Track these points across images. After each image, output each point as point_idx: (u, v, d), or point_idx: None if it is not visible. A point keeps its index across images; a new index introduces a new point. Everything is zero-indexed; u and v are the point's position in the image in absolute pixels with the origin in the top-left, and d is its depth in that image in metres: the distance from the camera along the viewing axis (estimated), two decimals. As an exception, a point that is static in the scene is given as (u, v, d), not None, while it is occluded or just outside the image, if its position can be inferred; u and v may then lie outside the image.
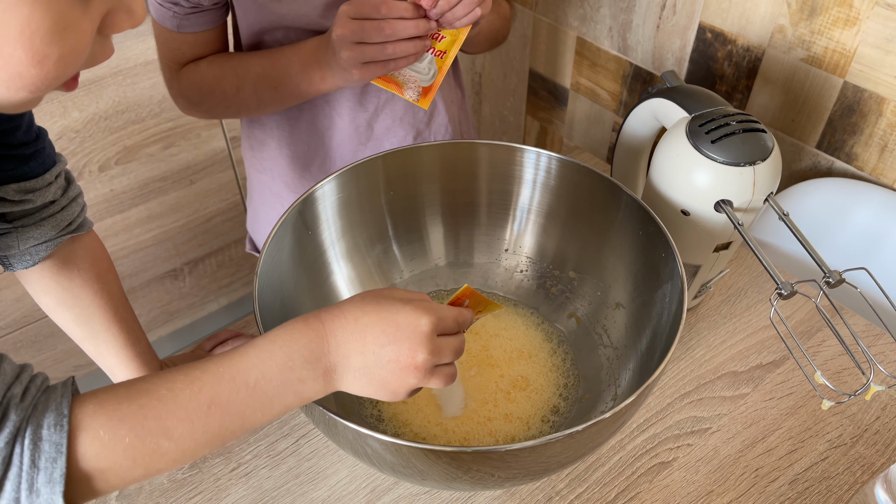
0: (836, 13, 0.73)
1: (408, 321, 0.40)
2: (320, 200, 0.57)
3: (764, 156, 0.57)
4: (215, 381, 0.38)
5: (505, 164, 0.62)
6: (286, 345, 0.39)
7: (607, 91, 1.05)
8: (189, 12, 0.63)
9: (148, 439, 0.36)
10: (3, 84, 0.34)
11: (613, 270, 0.61)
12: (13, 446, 0.34)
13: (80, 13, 0.34)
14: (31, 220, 0.52)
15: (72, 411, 0.35)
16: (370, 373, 0.40)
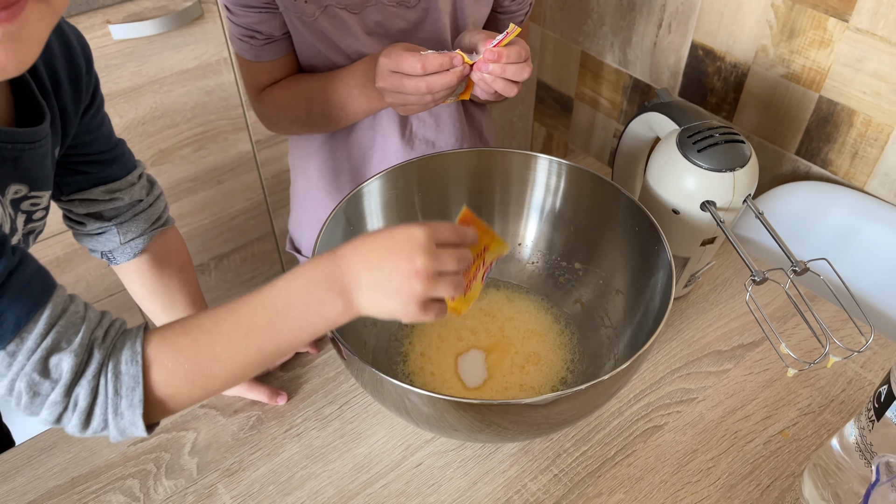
0: (812, 35, 0.83)
1: (403, 234, 0.44)
2: (366, 197, 0.66)
3: (742, 163, 0.66)
4: (250, 310, 0.45)
5: (521, 169, 0.71)
6: (305, 273, 0.45)
7: (609, 101, 1.15)
8: (263, 43, 0.73)
9: (202, 365, 0.44)
10: None
11: (613, 261, 0.70)
12: (98, 379, 0.42)
13: None
14: (124, 217, 0.61)
15: (143, 348, 0.43)
16: (380, 286, 0.44)
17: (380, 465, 0.64)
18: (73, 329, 0.41)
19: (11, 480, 0.63)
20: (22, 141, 0.46)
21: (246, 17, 0.72)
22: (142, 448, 0.65)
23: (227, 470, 0.63)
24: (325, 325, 0.45)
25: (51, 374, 0.40)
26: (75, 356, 0.41)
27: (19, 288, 0.39)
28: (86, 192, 0.59)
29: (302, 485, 0.62)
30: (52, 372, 0.40)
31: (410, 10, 0.72)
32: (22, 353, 0.39)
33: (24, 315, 0.39)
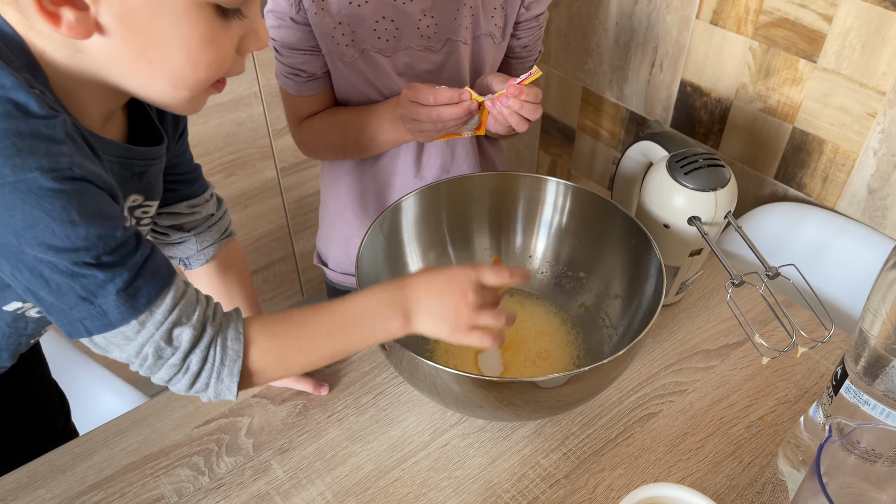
0: (785, 74, 0.94)
1: (459, 272, 0.58)
2: (400, 213, 0.77)
3: (723, 184, 0.77)
4: (331, 316, 0.56)
5: (532, 191, 0.82)
6: (377, 295, 0.57)
7: (608, 131, 1.26)
8: (306, 80, 0.84)
9: (289, 352, 0.55)
10: (170, 84, 0.49)
11: (613, 270, 0.81)
12: (208, 350, 0.52)
13: (223, 32, 0.49)
14: (200, 228, 0.72)
15: (244, 330, 0.54)
16: (436, 312, 0.57)
17: (411, 444, 0.73)
18: (191, 308, 0.51)
19: (89, 458, 0.73)
20: (148, 158, 0.57)
21: (292, 58, 0.83)
22: (204, 430, 0.74)
23: (279, 448, 0.73)
24: (386, 336, 0.58)
25: (173, 342, 0.50)
26: (193, 329, 0.51)
27: (152, 271, 0.49)
28: (173, 206, 0.70)
29: (344, 461, 0.72)
30: (174, 340, 0.50)
31: (435, 54, 0.84)
32: (151, 323, 0.49)
33: (154, 293, 0.49)
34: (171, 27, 0.46)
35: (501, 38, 0.87)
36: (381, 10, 0.80)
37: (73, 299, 0.47)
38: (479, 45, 0.86)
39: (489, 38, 0.86)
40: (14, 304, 0.59)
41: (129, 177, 0.55)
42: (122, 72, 0.48)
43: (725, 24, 0.98)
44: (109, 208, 0.48)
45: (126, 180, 0.56)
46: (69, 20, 0.44)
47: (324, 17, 0.80)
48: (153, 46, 0.47)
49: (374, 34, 0.81)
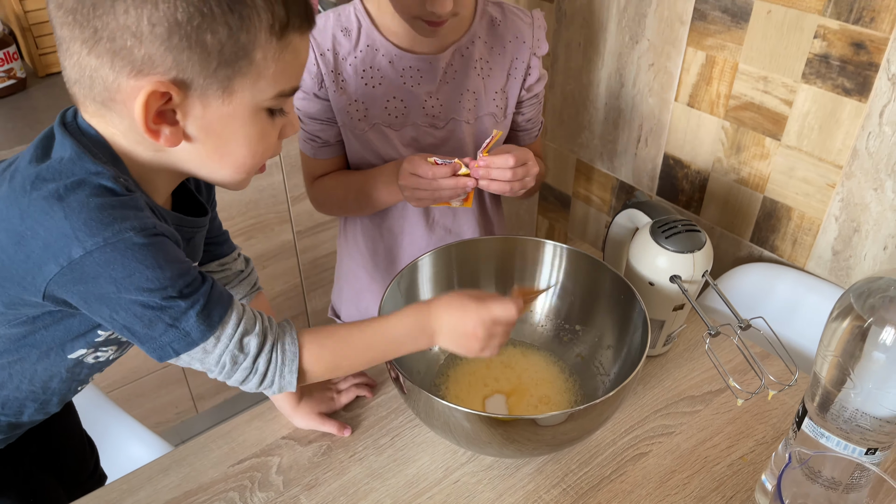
0: (754, 150, 1.06)
1: (473, 310, 0.69)
2: (416, 271, 0.87)
3: (700, 246, 0.87)
4: (372, 334, 0.68)
5: (532, 252, 0.93)
6: (409, 317, 0.69)
7: (600, 198, 1.38)
8: (322, 146, 0.97)
9: (336, 358, 0.67)
10: (235, 171, 0.61)
11: (605, 323, 0.90)
12: (272, 354, 0.63)
13: (271, 126, 0.61)
14: (232, 284, 0.82)
15: (298, 337, 0.65)
16: (453, 336, 0.69)
17: (426, 481, 0.81)
18: (252, 321, 0.62)
19: (136, 494, 0.80)
20: (197, 227, 0.68)
21: (312, 126, 0.96)
22: (239, 469, 0.82)
23: (307, 485, 0.81)
24: (414, 349, 0.70)
25: (244, 349, 0.61)
26: (258, 337, 0.62)
27: (218, 297, 0.60)
28: (206, 265, 0.81)
29: (366, 496, 0.79)
30: (244, 348, 0.61)
31: (440, 131, 0.96)
32: (225, 336, 0.60)
33: (223, 312, 0.60)
34: (237, 130, 0.59)
35: (504, 116, 1.00)
36: (392, 91, 0.93)
37: (163, 328, 0.57)
38: (481, 124, 0.98)
39: (491, 118, 0.98)
40: (79, 352, 0.68)
41: (184, 242, 0.66)
42: (197, 164, 0.61)
43: (700, 107, 1.11)
44: (180, 254, 0.59)
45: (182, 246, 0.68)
46: (166, 135, 0.56)
47: (342, 95, 0.93)
48: (225, 145, 0.59)
49: (384, 111, 0.94)
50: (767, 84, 1.00)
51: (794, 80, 0.97)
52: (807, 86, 0.96)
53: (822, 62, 0.93)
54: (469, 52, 0.94)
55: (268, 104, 0.59)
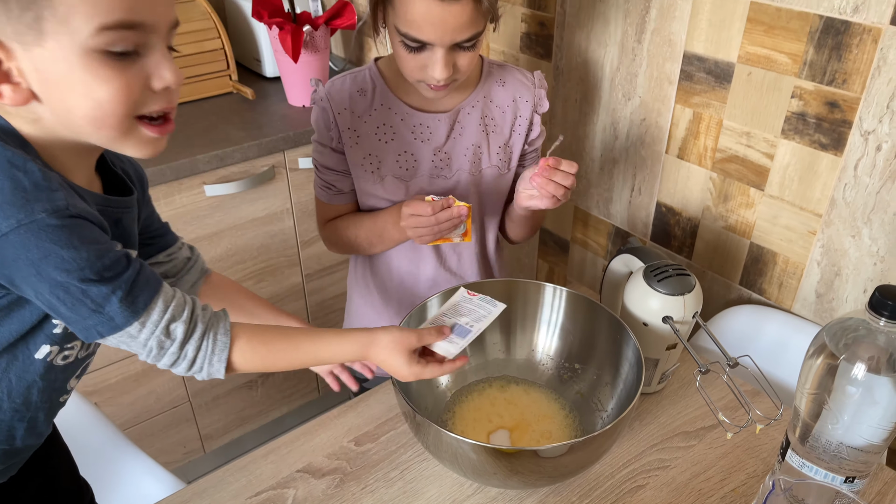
0: (740, 199, 1.14)
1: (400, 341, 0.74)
2: (428, 310, 0.93)
3: (690, 289, 0.93)
4: (306, 353, 0.73)
5: (534, 294, 0.99)
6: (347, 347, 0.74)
7: (597, 243, 1.45)
8: (336, 194, 1.05)
9: (264, 363, 0.71)
10: (93, 126, 0.58)
11: (602, 361, 0.96)
12: (201, 341, 0.66)
13: (119, 72, 0.56)
14: (183, 272, 0.87)
15: (231, 328, 0.68)
16: (387, 367, 0.75)
17: (434, 512, 0.85)
18: (181, 308, 0.65)
19: (158, 525, 0.85)
20: (122, 206, 0.70)
21: (328, 176, 1.04)
22: (256, 500, 0.87)
23: (322, 515, 0.85)
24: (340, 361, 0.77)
25: (171, 335, 0.64)
26: (185, 324, 0.65)
27: (144, 282, 0.62)
28: (154, 257, 0.85)
29: (377, 527, 0.84)
30: (171, 334, 0.64)
31: (447, 181, 1.04)
32: (150, 322, 0.63)
33: (149, 298, 0.62)
34: (72, 77, 0.56)
35: (507, 169, 1.07)
36: (403, 146, 1.01)
37: (86, 311, 0.60)
38: (484, 176, 1.05)
39: (495, 169, 1.06)
40: (44, 349, 0.69)
41: (110, 224, 0.67)
42: (63, 126, 0.60)
43: (689, 159, 1.19)
44: (101, 237, 0.60)
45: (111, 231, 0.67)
46: (9, 94, 0.56)
47: (356, 150, 1.01)
48: (68, 97, 0.57)
49: (396, 164, 1.01)
50: (750, 139, 1.08)
51: (775, 135, 1.05)
52: (786, 141, 1.04)
53: (800, 119, 1.01)
54: (475, 110, 1.02)
55: (96, 43, 0.55)
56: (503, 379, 1.00)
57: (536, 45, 1.39)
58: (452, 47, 0.88)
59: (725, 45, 1.07)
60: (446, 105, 1.01)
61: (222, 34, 1.72)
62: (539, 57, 1.40)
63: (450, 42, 0.87)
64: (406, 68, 0.92)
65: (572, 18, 1.29)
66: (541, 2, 1.34)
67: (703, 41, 1.09)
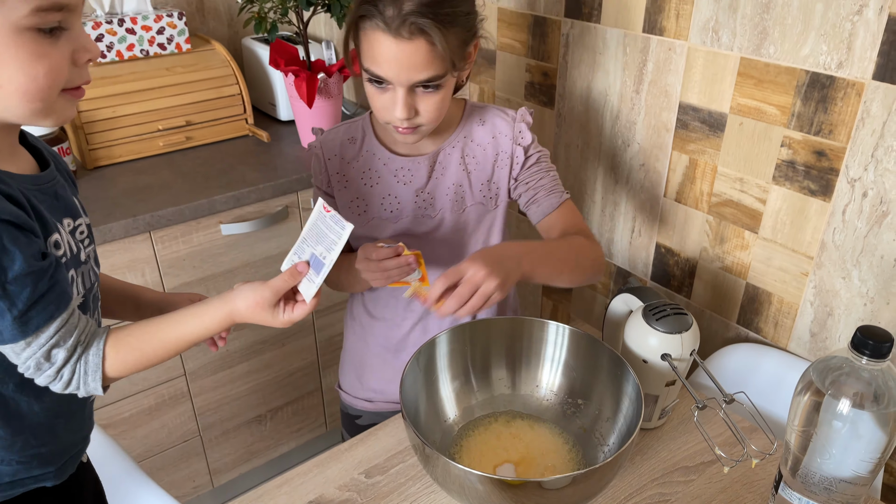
0: (735, 242, 1.19)
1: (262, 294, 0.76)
2: (437, 345, 0.97)
3: (687, 328, 0.98)
4: (175, 335, 0.75)
5: (538, 332, 1.03)
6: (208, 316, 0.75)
7: (599, 282, 1.50)
8: None
9: (136, 356, 0.73)
10: (24, 99, 0.61)
11: (603, 397, 1.00)
12: (76, 365, 0.69)
13: (51, 47, 0.60)
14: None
15: (104, 345, 0.71)
16: (254, 322, 0.77)
17: (443, 543, 0.88)
18: (70, 334, 0.68)
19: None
20: (47, 180, 0.72)
21: None
22: (271, 530, 0.90)
23: (334, 545, 0.88)
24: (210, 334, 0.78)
25: (51, 359, 0.68)
26: (67, 351, 0.68)
27: (45, 304, 0.65)
28: None
29: (387, 556, 0.87)
30: (51, 358, 0.68)
31: (431, 220, 1.06)
32: (36, 344, 0.66)
33: (42, 322, 0.66)
34: (5, 53, 0.59)
35: (495, 205, 1.09)
36: (388, 189, 1.05)
37: None
38: (468, 214, 1.07)
39: (479, 207, 1.08)
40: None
41: (51, 199, 0.72)
42: None
43: (686, 202, 1.24)
44: (12, 243, 0.62)
45: (51, 204, 0.72)
46: None
47: (345, 193, 1.06)
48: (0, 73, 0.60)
49: (381, 207, 1.06)
50: (743, 184, 1.14)
51: (766, 181, 1.10)
52: (777, 187, 1.09)
53: (790, 167, 1.07)
54: (455, 150, 1.05)
55: (29, 21, 0.59)
56: (509, 414, 1.04)
57: (540, 93, 1.46)
58: (413, 88, 0.89)
59: (718, 97, 1.13)
60: (427, 149, 1.05)
61: (240, 80, 1.80)
62: (542, 104, 1.47)
63: (407, 81, 0.88)
64: (374, 108, 0.94)
65: (574, 69, 1.36)
66: (544, 53, 1.42)
67: (698, 93, 1.16)
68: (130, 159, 1.69)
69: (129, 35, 1.68)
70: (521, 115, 1.07)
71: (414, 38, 0.84)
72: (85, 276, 0.77)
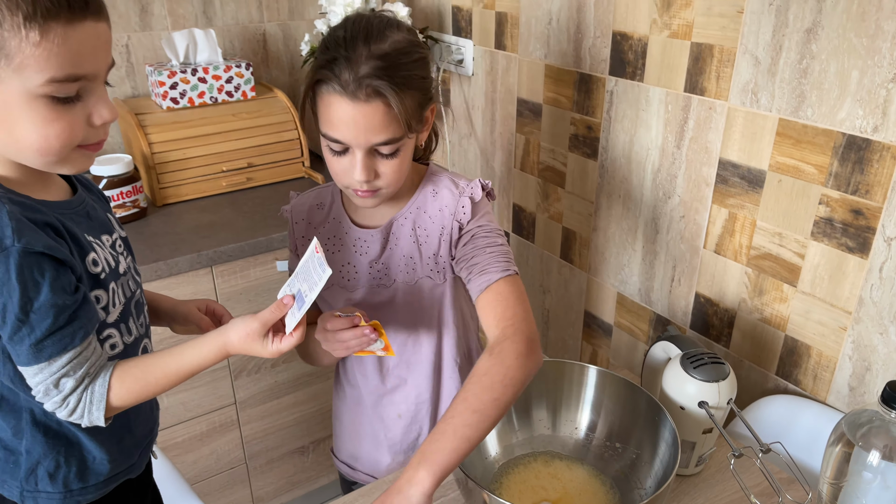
0: (774, 294, 1.22)
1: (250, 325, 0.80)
2: (478, 390, 1.03)
3: (724, 377, 1.01)
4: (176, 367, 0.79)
5: (579, 375, 1.08)
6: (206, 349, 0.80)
7: (639, 329, 1.53)
8: None
9: (140, 386, 0.78)
10: (38, 154, 0.67)
11: (641, 441, 1.03)
12: (82, 395, 0.74)
13: (65, 111, 0.66)
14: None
15: (110, 378, 0.76)
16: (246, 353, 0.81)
17: (482, 576, 0.92)
18: (80, 366, 0.73)
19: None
20: (78, 203, 0.80)
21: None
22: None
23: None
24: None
25: (58, 387, 0.73)
26: (75, 382, 0.74)
27: (61, 336, 0.71)
28: None
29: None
30: (60, 386, 0.73)
31: (387, 290, 1.05)
32: (47, 371, 0.72)
33: (56, 352, 0.71)
34: (19, 115, 0.65)
35: (442, 279, 1.04)
36: (347, 257, 1.05)
37: (5, 335, 0.70)
38: (420, 285, 1.06)
39: (428, 279, 1.05)
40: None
41: (85, 220, 0.79)
42: (6, 150, 0.69)
43: (726, 254, 1.28)
44: (41, 276, 0.68)
45: (86, 225, 0.80)
46: None
47: None
48: (13, 129, 0.66)
49: (339, 275, 1.05)
50: (782, 239, 1.17)
51: (805, 237, 1.14)
52: (815, 242, 1.12)
53: (827, 224, 1.10)
54: (407, 221, 1.03)
55: (44, 91, 0.64)
56: (548, 454, 1.08)
57: (584, 145, 1.53)
58: (371, 151, 0.90)
59: (757, 155, 1.18)
60: (382, 220, 1.04)
61: (298, 126, 1.92)
62: (586, 156, 1.53)
63: (365, 144, 0.88)
64: (333, 173, 0.94)
65: (617, 124, 1.43)
66: (589, 108, 1.49)
67: (737, 150, 1.21)
68: (196, 198, 1.80)
69: (201, 83, 1.82)
70: (471, 188, 1.00)
71: (371, 101, 0.86)
72: (124, 286, 0.85)
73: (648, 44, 1.32)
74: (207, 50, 1.86)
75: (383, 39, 0.89)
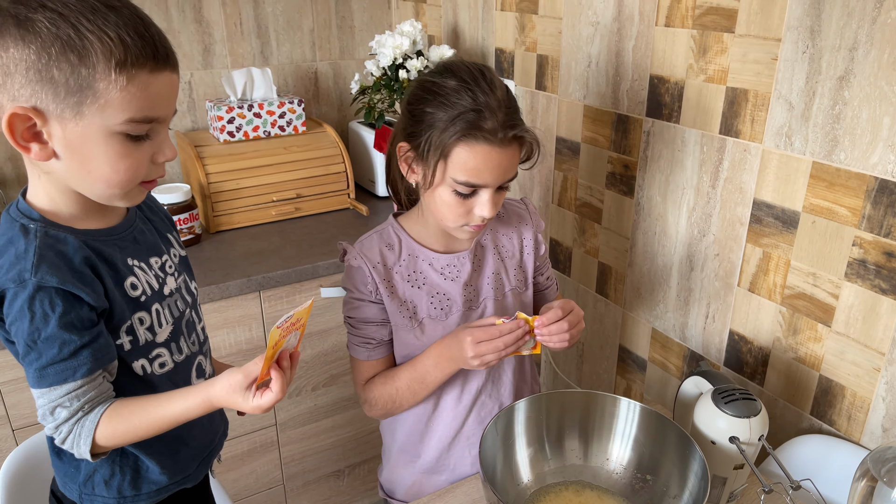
0: (808, 334, 1.23)
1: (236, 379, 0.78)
2: (515, 411, 1.06)
3: (756, 413, 1.02)
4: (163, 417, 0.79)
5: (611, 407, 1.10)
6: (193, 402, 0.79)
7: (673, 364, 1.55)
8: (376, 346, 1.10)
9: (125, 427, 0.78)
10: (105, 186, 0.74)
11: (671, 474, 1.05)
12: (73, 426, 0.77)
13: (135, 149, 0.73)
14: None
15: (101, 416, 0.77)
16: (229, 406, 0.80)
17: None
18: (76, 399, 0.77)
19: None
20: (123, 230, 0.85)
21: (366, 329, 1.08)
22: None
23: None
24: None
25: (53, 415, 0.77)
26: (69, 413, 0.77)
27: (63, 367, 0.75)
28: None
29: None
30: (55, 414, 0.77)
31: (475, 311, 1.11)
32: (46, 397, 0.76)
33: (56, 381, 0.76)
34: (95, 149, 0.72)
35: (525, 287, 1.16)
36: (435, 288, 1.09)
37: (19, 357, 0.77)
38: (507, 298, 1.14)
39: (515, 292, 1.15)
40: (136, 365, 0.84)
41: (131, 244, 0.85)
42: (76, 180, 0.75)
43: (760, 293, 1.30)
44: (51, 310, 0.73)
45: (132, 250, 0.85)
46: (35, 150, 0.72)
47: (393, 299, 1.08)
48: (88, 162, 0.73)
49: (430, 306, 1.09)
50: (816, 279, 1.19)
51: (839, 277, 1.15)
52: (849, 283, 1.14)
53: (861, 265, 1.12)
54: (486, 242, 1.14)
55: (121, 129, 0.72)
56: (579, 483, 1.10)
57: (620, 183, 1.57)
58: (497, 187, 0.99)
59: (791, 196, 1.20)
60: (461, 244, 1.11)
61: (345, 159, 2.01)
62: (622, 194, 1.57)
63: (499, 183, 0.97)
64: (452, 215, 0.99)
65: (653, 163, 1.47)
66: (626, 147, 1.53)
67: (771, 191, 1.24)
68: (247, 225, 1.90)
69: (256, 118, 1.93)
70: (529, 204, 1.19)
71: (512, 145, 0.96)
72: (171, 306, 0.90)
73: (685, 87, 1.36)
74: (263, 87, 1.98)
75: (496, 85, 0.97)
